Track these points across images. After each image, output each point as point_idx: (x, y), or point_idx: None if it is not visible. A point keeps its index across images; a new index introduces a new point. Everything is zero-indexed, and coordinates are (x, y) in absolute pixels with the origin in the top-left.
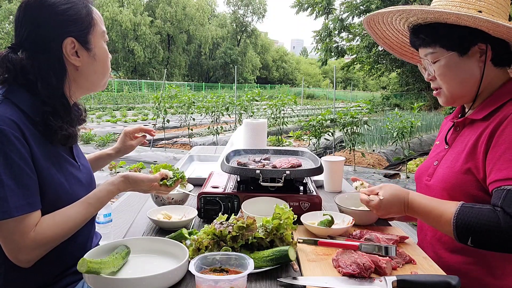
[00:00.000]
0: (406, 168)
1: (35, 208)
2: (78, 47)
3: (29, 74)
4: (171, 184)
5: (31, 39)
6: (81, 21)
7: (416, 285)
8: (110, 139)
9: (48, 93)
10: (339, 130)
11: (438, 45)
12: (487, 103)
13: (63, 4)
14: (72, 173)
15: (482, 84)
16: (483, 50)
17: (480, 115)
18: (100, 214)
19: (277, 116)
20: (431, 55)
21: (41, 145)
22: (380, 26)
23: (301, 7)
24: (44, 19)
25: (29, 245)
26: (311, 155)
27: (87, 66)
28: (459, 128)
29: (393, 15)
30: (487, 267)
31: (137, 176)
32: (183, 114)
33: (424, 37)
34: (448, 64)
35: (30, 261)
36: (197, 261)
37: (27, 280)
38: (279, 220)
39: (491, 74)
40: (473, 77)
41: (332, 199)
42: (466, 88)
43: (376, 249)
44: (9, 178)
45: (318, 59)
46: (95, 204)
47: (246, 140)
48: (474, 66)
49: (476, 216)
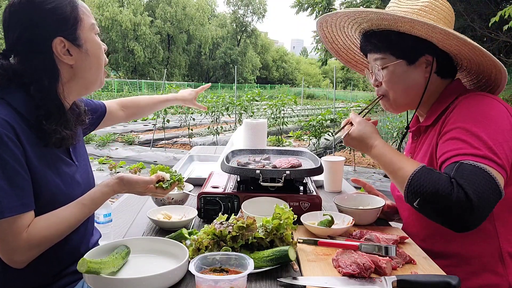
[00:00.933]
0: None
1: (28, 208)
2: (68, 46)
3: (24, 78)
4: (167, 186)
5: (21, 42)
6: (67, 19)
7: (416, 285)
8: (110, 139)
9: (41, 95)
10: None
11: (388, 52)
12: (434, 108)
13: (48, 4)
14: (68, 174)
15: (426, 92)
16: (429, 61)
17: (429, 121)
18: (100, 214)
19: (277, 116)
20: (380, 60)
21: (36, 146)
22: (331, 29)
23: (301, 7)
24: (30, 20)
25: (22, 246)
26: (311, 155)
27: (81, 63)
28: (416, 137)
29: (347, 18)
30: (469, 268)
31: (132, 178)
32: (183, 114)
33: (376, 42)
34: (396, 71)
35: (24, 262)
36: (197, 261)
37: (25, 280)
38: (279, 220)
39: (436, 83)
40: (418, 85)
41: (332, 199)
42: (410, 96)
43: (376, 249)
44: (1, 178)
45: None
46: (89, 205)
47: (246, 140)
48: (420, 75)
49: (432, 180)
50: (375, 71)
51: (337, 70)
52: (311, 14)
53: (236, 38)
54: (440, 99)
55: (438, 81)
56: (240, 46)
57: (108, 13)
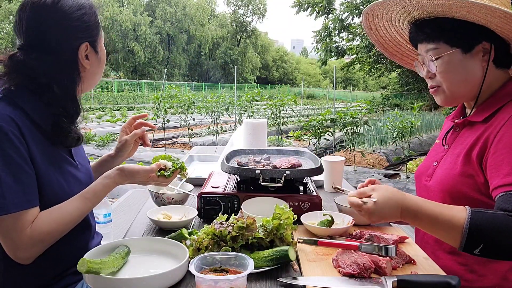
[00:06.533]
0: (406, 168)
1: (32, 205)
2: (89, 51)
3: (40, 77)
4: (169, 174)
5: (43, 42)
6: (93, 27)
7: (416, 285)
8: (110, 139)
9: (63, 95)
10: (339, 130)
11: (442, 41)
12: (487, 104)
13: (78, 10)
14: (70, 172)
15: (484, 84)
16: (486, 49)
17: (480, 117)
18: (100, 214)
19: (277, 116)
20: (434, 51)
21: (40, 145)
22: (377, 20)
23: (301, 7)
24: (57, 23)
25: (27, 242)
26: (311, 155)
27: (94, 68)
28: (458, 128)
29: (396, 6)
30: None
31: (133, 167)
32: (183, 114)
33: (429, 31)
34: (451, 61)
35: (29, 258)
36: (197, 261)
37: (26, 281)
38: (279, 220)
39: (492, 74)
40: (475, 76)
41: (332, 199)
42: (467, 87)
43: (376, 249)
44: (7, 175)
45: (318, 59)
46: (92, 198)
47: (246, 140)
48: (476, 64)
49: (491, 222)
50: (428, 62)
51: (337, 70)
52: (311, 14)
53: (236, 38)
54: (494, 97)
55: (496, 72)
56: (240, 46)
57: (108, 13)
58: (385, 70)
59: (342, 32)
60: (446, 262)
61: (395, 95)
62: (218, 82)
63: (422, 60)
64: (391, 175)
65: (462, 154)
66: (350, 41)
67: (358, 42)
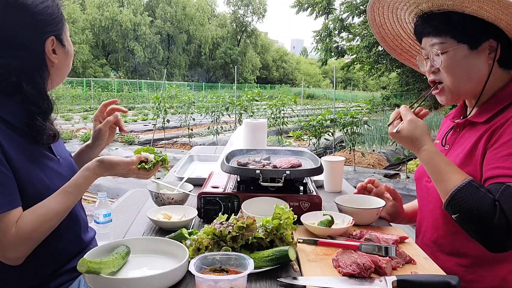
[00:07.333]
0: (406, 168)
1: (14, 205)
2: (56, 45)
3: (11, 76)
4: (150, 167)
5: (11, 40)
6: (57, 19)
7: (416, 285)
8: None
9: (35, 92)
10: (339, 130)
11: (449, 35)
12: (489, 105)
13: (41, 4)
14: (52, 168)
15: (488, 82)
16: (492, 47)
17: (481, 118)
18: (100, 214)
19: (277, 116)
20: (440, 45)
21: (16, 145)
22: (383, 11)
23: (301, 7)
24: (23, 19)
25: (13, 242)
26: (311, 155)
27: (62, 62)
28: (459, 129)
29: None
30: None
31: (112, 159)
32: (183, 114)
33: (437, 24)
34: (457, 56)
35: (19, 258)
36: (197, 261)
37: (22, 280)
38: (279, 220)
39: (495, 73)
40: (479, 73)
41: (332, 199)
42: (471, 84)
43: (376, 249)
44: None
45: (318, 59)
46: (74, 192)
47: (246, 140)
48: (481, 62)
49: (476, 199)
50: (433, 56)
51: (337, 70)
52: (311, 14)
53: (236, 38)
54: (496, 97)
55: (499, 71)
56: (240, 46)
57: (108, 13)
58: (385, 70)
59: (342, 32)
60: (445, 263)
61: (395, 95)
62: (218, 82)
63: (426, 54)
64: (391, 175)
65: (463, 154)
66: (350, 41)
67: (358, 42)
